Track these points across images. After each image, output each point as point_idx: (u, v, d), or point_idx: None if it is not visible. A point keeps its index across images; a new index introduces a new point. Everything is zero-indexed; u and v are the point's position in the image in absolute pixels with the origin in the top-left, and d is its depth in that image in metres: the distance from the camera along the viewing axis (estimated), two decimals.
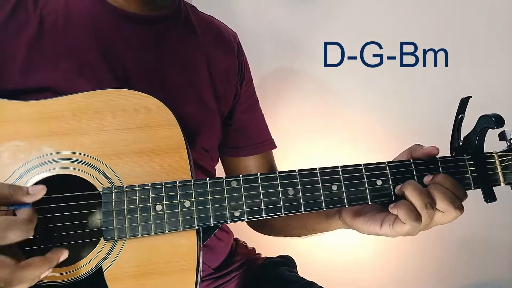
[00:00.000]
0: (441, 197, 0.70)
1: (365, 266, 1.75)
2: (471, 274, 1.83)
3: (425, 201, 0.69)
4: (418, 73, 1.71)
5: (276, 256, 1.16)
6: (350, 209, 0.83)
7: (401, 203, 0.71)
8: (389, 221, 0.73)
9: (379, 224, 0.75)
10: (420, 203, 0.69)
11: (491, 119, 0.70)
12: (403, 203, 0.71)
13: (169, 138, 0.73)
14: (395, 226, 0.72)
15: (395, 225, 0.72)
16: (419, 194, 0.70)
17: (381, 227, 0.75)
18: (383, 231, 0.75)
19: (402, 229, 0.72)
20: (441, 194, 0.70)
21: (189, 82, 0.94)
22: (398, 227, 0.72)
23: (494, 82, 1.73)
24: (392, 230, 0.73)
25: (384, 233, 0.75)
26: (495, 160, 0.74)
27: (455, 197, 0.71)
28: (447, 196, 0.70)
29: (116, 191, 0.69)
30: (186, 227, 0.69)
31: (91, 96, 0.74)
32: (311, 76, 1.65)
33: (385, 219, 0.74)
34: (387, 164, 0.73)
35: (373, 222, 0.76)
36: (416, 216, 0.70)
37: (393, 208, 0.71)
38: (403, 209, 0.70)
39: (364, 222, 0.79)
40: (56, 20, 0.84)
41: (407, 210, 0.70)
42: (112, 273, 0.69)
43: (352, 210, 0.83)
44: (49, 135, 0.71)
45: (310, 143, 1.62)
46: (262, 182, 0.71)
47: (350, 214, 0.83)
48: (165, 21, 0.94)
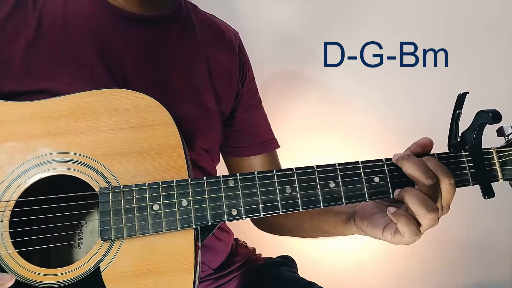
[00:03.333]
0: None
1: (366, 267, 1.74)
2: (473, 275, 1.82)
3: (428, 207, 0.69)
4: (418, 73, 1.70)
5: (276, 256, 1.15)
6: (360, 213, 0.83)
7: (401, 215, 0.70)
8: (390, 230, 0.74)
9: (381, 229, 0.75)
10: (422, 211, 0.69)
11: (488, 115, 0.70)
12: (403, 216, 0.70)
13: (166, 138, 0.73)
14: (396, 236, 0.73)
15: (395, 235, 0.73)
16: (421, 201, 0.69)
17: (382, 232, 0.75)
18: (385, 237, 0.75)
19: (402, 240, 0.72)
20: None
21: (188, 83, 0.94)
22: (398, 237, 0.72)
23: (494, 82, 1.73)
24: (393, 239, 0.73)
25: (385, 239, 0.75)
26: (493, 156, 0.74)
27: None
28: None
29: (113, 191, 0.69)
30: (183, 226, 0.69)
31: (87, 96, 0.73)
32: (311, 76, 1.65)
33: (386, 227, 0.75)
34: (384, 161, 0.73)
35: (375, 227, 0.77)
36: (416, 231, 0.69)
37: (393, 216, 0.71)
38: (402, 222, 0.70)
39: (368, 225, 0.79)
40: (54, 21, 0.84)
41: (406, 223, 0.69)
42: (109, 273, 0.68)
43: (360, 215, 0.82)
44: (45, 135, 0.71)
45: (310, 143, 1.62)
46: (260, 180, 0.71)
47: (359, 218, 0.83)
48: (165, 21, 0.93)
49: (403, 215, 0.70)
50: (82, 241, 0.78)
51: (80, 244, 0.78)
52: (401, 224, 0.70)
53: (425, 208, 0.68)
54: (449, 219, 0.80)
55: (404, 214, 0.70)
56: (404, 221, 0.69)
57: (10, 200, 0.68)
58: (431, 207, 0.69)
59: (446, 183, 0.69)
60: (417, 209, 0.69)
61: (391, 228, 0.73)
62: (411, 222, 0.69)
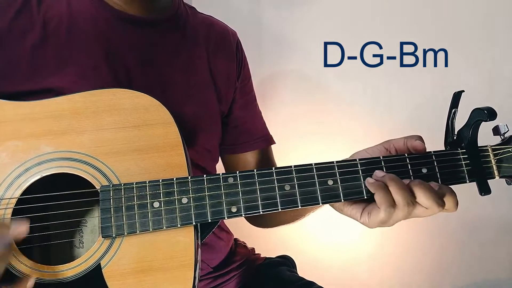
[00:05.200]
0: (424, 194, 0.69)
1: (365, 266, 1.75)
2: (469, 273, 1.82)
3: (407, 199, 0.68)
4: (418, 73, 1.71)
5: (276, 256, 1.16)
6: None
7: (379, 186, 0.70)
8: (368, 211, 0.73)
9: (360, 211, 0.74)
10: (402, 200, 0.68)
11: (484, 112, 0.70)
12: (381, 187, 0.70)
13: (166, 136, 0.74)
14: (372, 214, 0.71)
15: (372, 213, 0.71)
16: (402, 191, 0.69)
17: (361, 215, 0.74)
18: (362, 220, 0.74)
19: (377, 217, 0.70)
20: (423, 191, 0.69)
21: (190, 83, 0.95)
22: (374, 215, 0.71)
23: (494, 82, 1.73)
24: (369, 219, 0.72)
25: (362, 222, 0.74)
26: (489, 153, 0.74)
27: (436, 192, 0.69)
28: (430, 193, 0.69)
29: (114, 188, 0.70)
30: (183, 223, 0.70)
31: (88, 96, 0.74)
32: (311, 76, 1.65)
33: (365, 208, 0.74)
34: (382, 158, 0.74)
35: (355, 207, 0.75)
36: (392, 202, 0.69)
37: (371, 185, 0.71)
38: (380, 192, 0.69)
39: (347, 204, 0.77)
40: (59, 23, 0.85)
41: (383, 194, 0.69)
42: (110, 270, 0.69)
43: None
44: (47, 134, 0.72)
45: (309, 143, 1.63)
46: (259, 178, 0.72)
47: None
48: (166, 23, 0.95)
49: (382, 186, 0.70)
50: (83, 240, 0.79)
51: (81, 243, 0.78)
52: (378, 194, 0.69)
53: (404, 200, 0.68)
54: (446, 217, 0.80)
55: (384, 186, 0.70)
56: (382, 191, 0.69)
57: (12, 198, 0.69)
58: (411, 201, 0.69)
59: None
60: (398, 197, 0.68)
61: (369, 209, 0.72)
62: (388, 192, 0.69)
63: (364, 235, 1.72)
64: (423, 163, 0.74)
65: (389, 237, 1.74)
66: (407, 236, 1.75)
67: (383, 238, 1.73)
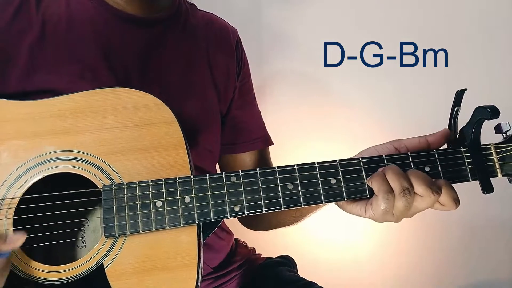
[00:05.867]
0: (419, 181, 0.68)
1: (365, 266, 1.75)
2: (470, 273, 1.82)
3: (403, 184, 0.68)
4: (418, 73, 1.71)
5: (276, 256, 1.15)
6: None
7: (376, 174, 0.70)
8: (370, 203, 0.72)
9: (364, 207, 0.74)
10: (398, 186, 0.68)
11: (487, 110, 0.70)
12: (378, 175, 0.70)
13: (168, 135, 0.74)
14: (373, 205, 0.71)
15: (373, 204, 0.71)
16: (397, 177, 0.68)
17: (366, 210, 0.73)
18: (368, 214, 0.73)
19: (378, 207, 0.70)
20: (419, 178, 0.69)
21: (190, 83, 0.95)
22: (374, 205, 0.70)
23: (494, 82, 1.73)
24: (373, 211, 0.71)
25: (369, 217, 0.73)
26: (492, 151, 0.74)
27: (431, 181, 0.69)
28: (425, 180, 0.68)
29: (116, 188, 0.70)
30: (186, 223, 0.69)
31: (90, 95, 0.74)
32: (311, 76, 1.65)
33: (367, 202, 0.73)
34: (384, 157, 0.73)
35: (360, 204, 0.75)
36: (388, 188, 0.68)
37: (369, 178, 0.71)
38: (377, 180, 0.69)
39: (351, 202, 0.76)
40: (58, 23, 0.85)
41: (381, 181, 0.69)
42: (113, 269, 0.69)
43: None
44: (49, 134, 0.72)
45: (309, 143, 1.63)
46: (261, 177, 0.71)
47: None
48: (166, 22, 0.94)
49: (379, 174, 0.70)
50: (85, 240, 0.78)
51: (83, 243, 0.78)
52: (376, 182, 0.69)
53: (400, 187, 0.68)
54: (447, 216, 0.80)
55: (381, 174, 0.70)
56: (379, 178, 0.69)
57: (14, 197, 0.69)
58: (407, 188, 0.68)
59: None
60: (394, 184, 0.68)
61: (370, 201, 0.72)
62: (385, 179, 0.69)
63: (364, 235, 1.72)
64: (426, 162, 0.73)
65: (389, 237, 1.74)
66: (408, 236, 1.75)
67: (383, 238, 1.73)
